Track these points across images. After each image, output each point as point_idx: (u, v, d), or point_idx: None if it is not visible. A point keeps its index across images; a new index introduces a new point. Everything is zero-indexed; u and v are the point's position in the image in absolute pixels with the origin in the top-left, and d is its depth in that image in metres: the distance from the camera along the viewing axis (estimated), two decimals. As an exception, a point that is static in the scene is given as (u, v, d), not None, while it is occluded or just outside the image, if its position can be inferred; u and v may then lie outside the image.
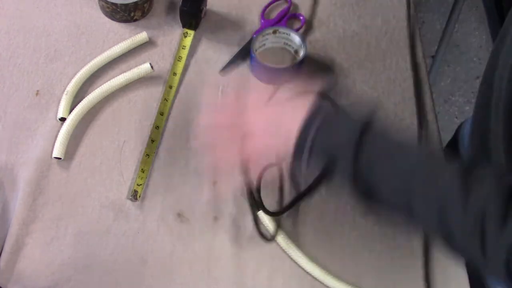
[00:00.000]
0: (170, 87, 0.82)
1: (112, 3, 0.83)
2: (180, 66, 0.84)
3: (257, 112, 0.59)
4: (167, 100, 0.81)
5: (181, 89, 0.83)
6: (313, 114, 0.56)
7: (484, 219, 0.46)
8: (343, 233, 0.74)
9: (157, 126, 0.79)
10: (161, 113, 0.80)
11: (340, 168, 0.54)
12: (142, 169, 0.76)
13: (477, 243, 0.47)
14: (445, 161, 0.52)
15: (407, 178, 0.52)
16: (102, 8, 0.87)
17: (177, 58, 0.84)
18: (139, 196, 0.74)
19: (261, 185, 0.76)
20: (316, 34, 0.89)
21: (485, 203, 0.47)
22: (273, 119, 0.58)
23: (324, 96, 0.59)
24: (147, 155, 0.77)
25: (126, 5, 0.84)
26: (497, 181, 0.48)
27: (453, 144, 0.92)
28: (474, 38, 1.98)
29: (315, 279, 0.71)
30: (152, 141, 0.78)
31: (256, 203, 0.74)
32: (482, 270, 0.52)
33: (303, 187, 0.74)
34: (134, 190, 0.74)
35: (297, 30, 0.87)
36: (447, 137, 0.99)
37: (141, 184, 0.75)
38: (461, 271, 0.72)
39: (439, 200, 0.50)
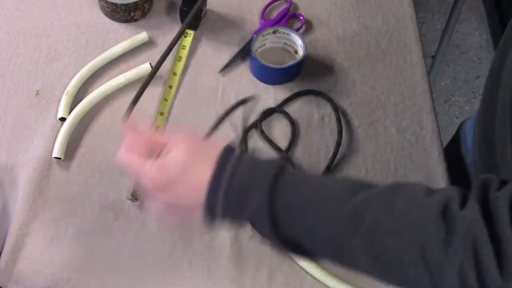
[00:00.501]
0: (170, 87, 0.82)
1: (112, 3, 0.83)
2: (180, 66, 0.84)
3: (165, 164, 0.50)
4: (167, 100, 0.81)
5: (181, 89, 0.83)
6: (221, 168, 0.48)
7: (424, 246, 0.42)
8: (343, 233, 0.74)
9: (157, 126, 0.79)
10: (161, 113, 0.80)
11: (258, 225, 0.49)
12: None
13: (422, 272, 0.42)
14: (366, 189, 0.46)
15: (330, 220, 0.46)
16: (102, 8, 0.87)
17: (177, 58, 0.84)
18: (139, 196, 0.74)
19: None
20: (316, 34, 0.89)
21: (420, 229, 0.42)
22: (181, 168, 0.49)
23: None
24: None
25: (126, 5, 0.84)
26: (426, 202, 0.43)
27: (454, 143, 0.92)
28: (474, 38, 1.98)
29: (315, 279, 0.71)
30: (152, 141, 0.78)
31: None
32: None
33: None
34: (134, 190, 0.74)
35: (297, 30, 0.87)
36: (447, 137, 0.99)
37: (141, 184, 0.75)
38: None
39: (371, 236, 0.44)
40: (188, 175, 0.48)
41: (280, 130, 0.80)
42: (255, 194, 0.47)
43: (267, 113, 0.81)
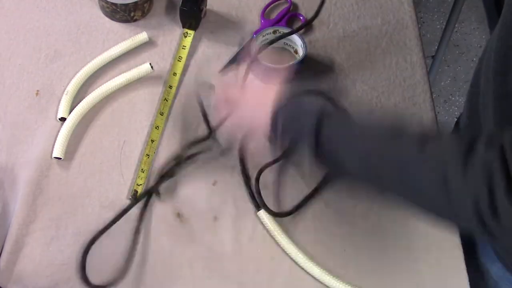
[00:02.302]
0: (170, 87, 0.82)
1: (112, 3, 0.83)
2: (180, 66, 0.84)
3: (248, 91, 0.70)
4: (167, 100, 0.81)
5: (181, 89, 0.83)
6: (284, 95, 0.64)
7: (446, 170, 0.48)
8: (343, 233, 0.74)
9: (157, 126, 0.79)
10: (161, 113, 0.80)
11: (304, 140, 0.59)
12: (142, 169, 0.76)
13: (442, 195, 0.49)
14: (405, 126, 0.54)
15: (369, 147, 0.55)
16: (102, 8, 0.87)
17: (177, 58, 0.84)
18: (139, 196, 0.74)
19: (262, 185, 0.76)
20: (316, 34, 0.89)
21: (444, 155, 0.49)
22: (255, 97, 0.68)
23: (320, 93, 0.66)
24: (147, 155, 0.77)
25: (126, 5, 0.84)
26: (455, 137, 0.51)
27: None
28: (474, 38, 1.98)
29: (315, 279, 0.71)
30: (152, 141, 0.78)
31: (256, 203, 0.74)
32: (452, 222, 0.54)
33: (305, 185, 0.74)
34: (134, 190, 0.74)
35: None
36: (447, 137, 1.00)
37: (141, 184, 0.75)
38: (461, 271, 0.72)
39: (400, 162, 0.52)
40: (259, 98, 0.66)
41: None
42: (305, 119, 0.60)
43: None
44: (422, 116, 0.83)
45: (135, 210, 0.73)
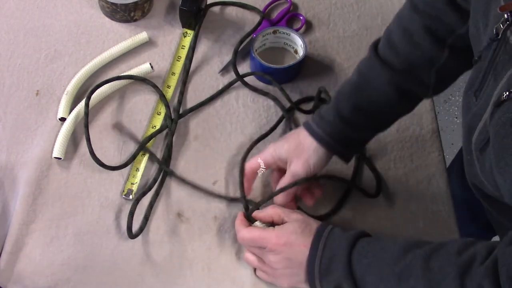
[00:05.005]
0: (168, 86, 0.82)
1: (112, 3, 0.83)
2: (179, 65, 0.84)
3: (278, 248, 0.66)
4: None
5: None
6: (314, 250, 0.64)
7: None
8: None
9: (154, 126, 0.79)
10: (158, 113, 0.80)
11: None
12: (136, 168, 0.76)
13: None
14: (416, 248, 0.59)
15: (388, 279, 0.59)
16: (102, 8, 0.87)
17: (176, 58, 0.84)
18: (134, 194, 0.74)
19: (262, 184, 0.76)
20: (316, 34, 0.89)
21: (447, 283, 0.54)
22: (287, 254, 0.66)
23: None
24: (143, 154, 0.77)
25: (126, 5, 0.84)
26: (455, 262, 0.54)
27: None
28: (474, 38, 1.98)
29: (315, 279, 0.71)
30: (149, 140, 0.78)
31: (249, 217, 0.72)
32: None
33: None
34: (128, 188, 0.74)
35: (297, 30, 0.87)
36: (447, 137, 0.99)
37: (134, 183, 0.75)
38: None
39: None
40: (296, 241, 0.65)
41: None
42: (337, 264, 0.62)
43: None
44: (422, 116, 0.83)
45: (135, 211, 0.73)
